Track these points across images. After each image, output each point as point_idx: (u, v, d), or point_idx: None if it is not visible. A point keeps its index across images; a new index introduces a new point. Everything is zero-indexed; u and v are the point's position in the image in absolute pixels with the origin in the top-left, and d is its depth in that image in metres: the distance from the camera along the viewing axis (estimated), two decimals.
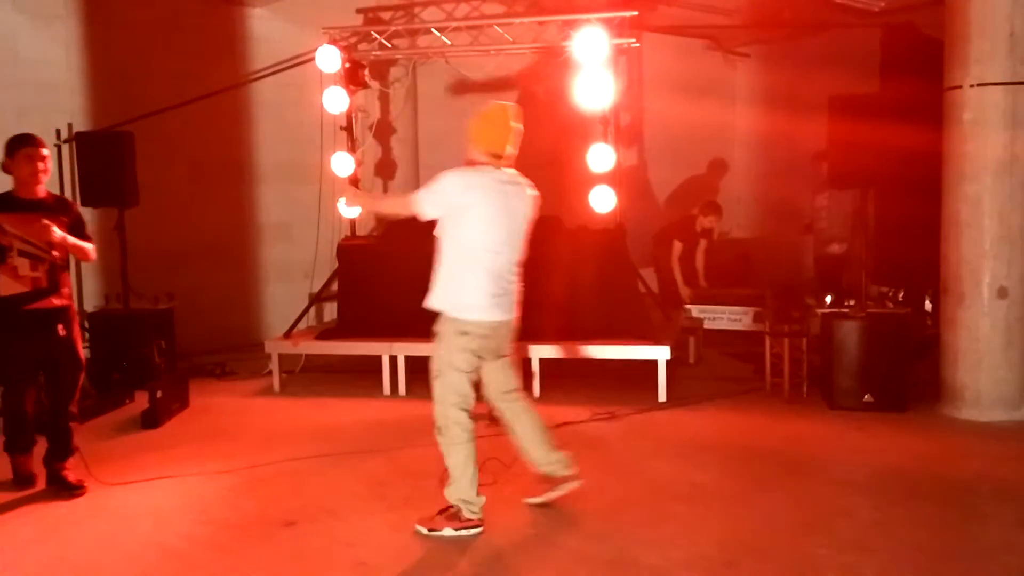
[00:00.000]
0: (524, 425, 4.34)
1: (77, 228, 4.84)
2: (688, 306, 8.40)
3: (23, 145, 4.69)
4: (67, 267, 4.87)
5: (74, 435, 4.90)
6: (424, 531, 4.04)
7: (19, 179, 4.70)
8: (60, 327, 4.75)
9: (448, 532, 4.01)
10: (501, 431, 5.66)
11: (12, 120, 7.73)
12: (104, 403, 6.55)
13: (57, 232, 4.63)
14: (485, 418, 5.95)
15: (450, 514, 4.06)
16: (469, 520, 4.04)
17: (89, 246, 4.88)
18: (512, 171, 4.16)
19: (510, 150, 4.08)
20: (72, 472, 4.81)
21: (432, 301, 4.10)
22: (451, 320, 4.05)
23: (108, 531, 4.19)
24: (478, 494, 4.08)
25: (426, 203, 4.04)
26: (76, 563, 3.83)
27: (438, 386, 4.10)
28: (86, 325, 7.89)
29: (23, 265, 4.62)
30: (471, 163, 4.09)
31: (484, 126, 4.09)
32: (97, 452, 5.39)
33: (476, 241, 4.00)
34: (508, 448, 5.29)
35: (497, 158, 4.07)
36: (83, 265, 8.29)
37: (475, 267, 4.01)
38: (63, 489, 4.73)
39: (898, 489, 4.53)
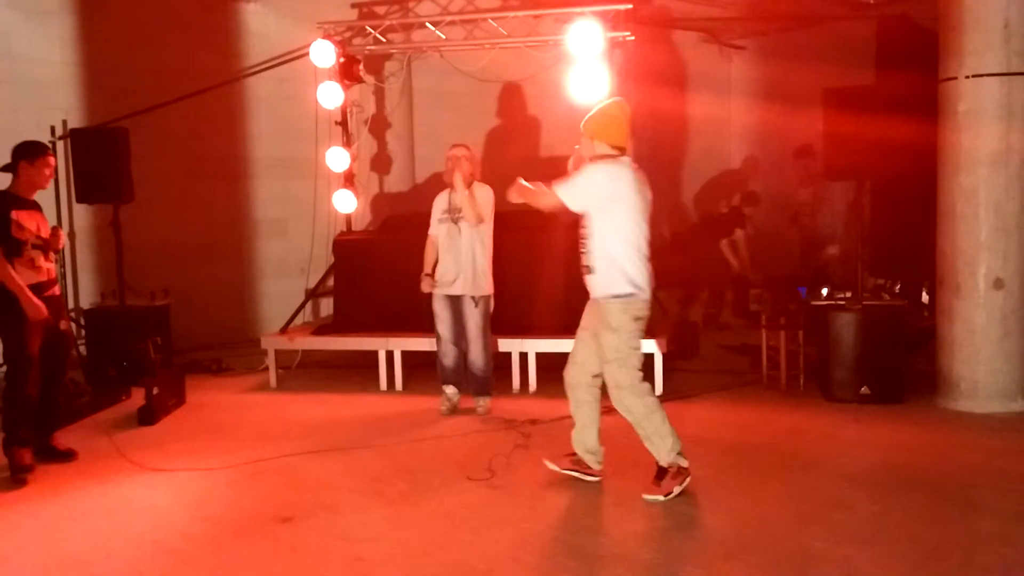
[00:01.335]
0: (593, 411, 4.60)
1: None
2: (756, 290, 8.73)
3: (44, 153, 5.17)
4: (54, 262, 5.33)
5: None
6: (661, 498, 4.26)
7: (32, 182, 5.10)
8: (63, 322, 5.28)
9: (677, 490, 4.29)
10: (497, 428, 5.69)
11: (7, 117, 7.75)
12: (100, 400, 6.54)
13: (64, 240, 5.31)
14: (471, 412, 6.01)
15: (673, 473, 4.33)
16: (687, 470, 4.35)
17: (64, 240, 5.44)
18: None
19: (628, 142, 4.41)
20: (61, 441, 5.25)
21: (603, 291, 4.32)
22: (624, 308, 4.29)
23: (105, 528, 4.18)
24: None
25: (571, 196, 4.32)
26: (73, 560, 3.82)
27: (621, 372, 4.32)
28: (82, 322, 7.90)
29: (38, 256, 5.03)
30: (599, 158, 4.34)
31: (608, 122, 4.38)
32: (94, 449, 5.41)
33: (632, 227, 4.30)
34: (505, 444, 5.31)
35: (622, 151, 4.38)
36: (79, 262, 8.30)
37: (635, 252, 4.30)
38: (55, 457, 5.14)
39: (895, 481, 4.54)
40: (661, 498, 4.26)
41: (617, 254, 4.28)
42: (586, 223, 4.35)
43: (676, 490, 4.29)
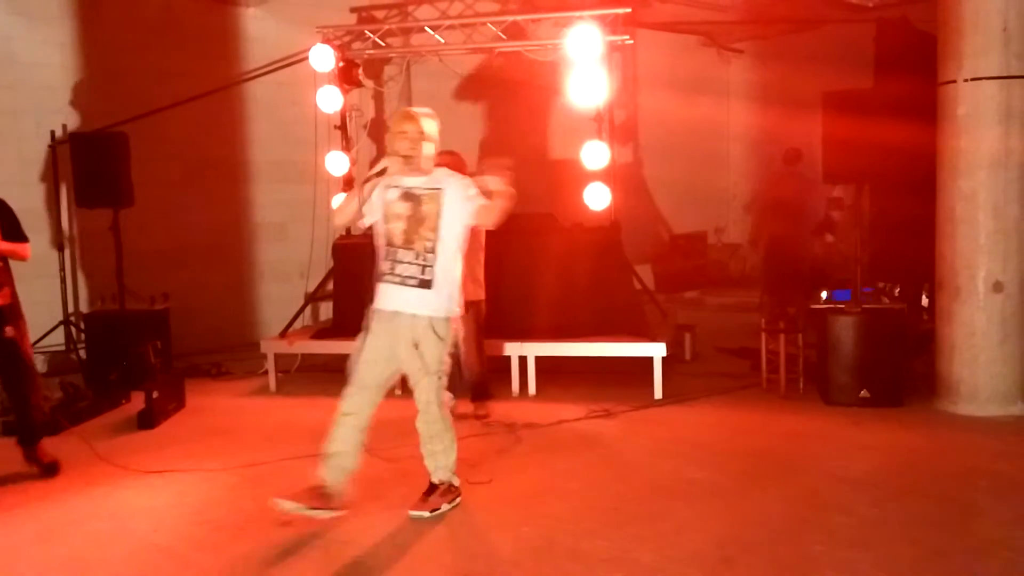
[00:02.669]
0: (363, 436, 4.37)
1: (12, 228, 4.94)
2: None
3: None
4: (7, 266, 4.95)
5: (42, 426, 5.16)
6: (427, 514, 4.19)
7: None
8: (8, 328, 4.89)
9: (445, 507, 4.27)
10: (496, 432, 5.70)
11: (8, 121, 7.78)
12: (100, 404, 6.53)
13: None
14: (470, 417, 6.00)
15: (443, 491, 4.30)
16: (457, 489, 4.35)
17: (22, 246, 4.97)
18: None
19: None
20: (45, 453, 5.08)
21: (437, 309, 4.15)
22: (450, 320, 4.19)
23: (105, 531, 4.18)
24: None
25: None
26: (73, 563, 3.82)
27: (439, 384, 4.23)
28: (82, 326, 7.90)
29: None
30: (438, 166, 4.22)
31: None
32: (93, 453, 5.40)
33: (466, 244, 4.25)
34: (505, 447, 5.32)
35: None
36: (78, 266, 8.30)
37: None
38: (37, 468, 5.03)
39: (895, 485, 4.53)
40: (427, 514, 4.19)
41: (457, 271, 4.20)
42: (440, 236, 4.11)
43: (444, 507, 4.25)
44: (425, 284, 4.09)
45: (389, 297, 4.16)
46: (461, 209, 4.12)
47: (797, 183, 9.17)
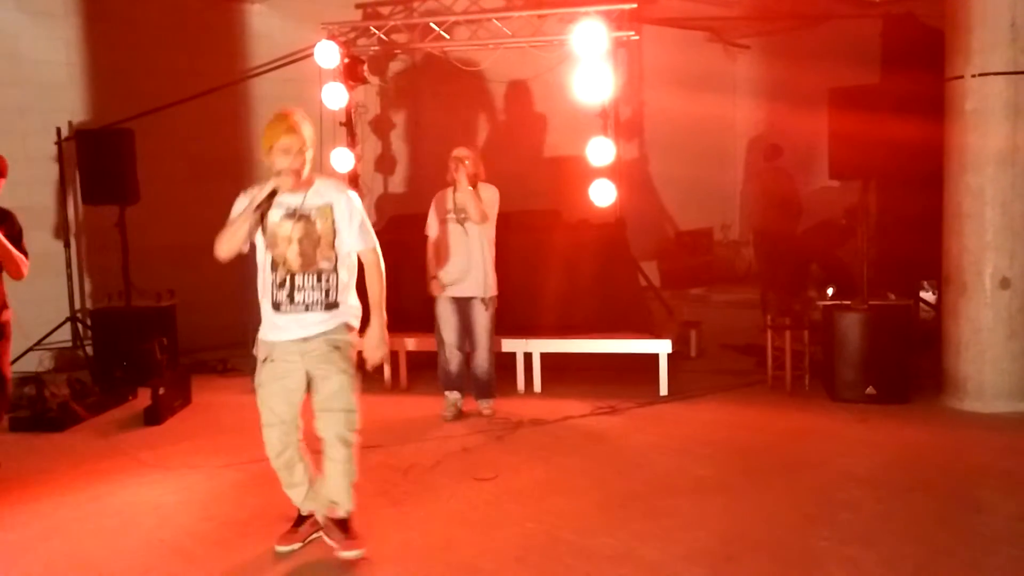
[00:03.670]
0: (308, 463, 4.04)
1: (14, 240, 4.64)
2: None
3: None
4: None
5: None
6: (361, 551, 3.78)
7: None
8: None
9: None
10: (501, 428, 5.70)
11: (14, 119, 7.79)
12: (107, 400, 6.56)
13: None
14: (475, 414, 6.00)
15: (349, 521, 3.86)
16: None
17: (20, 256, 4.63)
18: None
19: None
20: None
21: (347, 319, 3.85)
22: (354, 331, 3.87)
23: (111, 528, 4.20)
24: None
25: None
26: (80, 560, 3.84)
27: (357, 416, 3.88)
28: (88, 323, 7.92)
29: None
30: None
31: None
32: (99, 449, 5.43)
33: None
34: (508, 444, 5.32)
35: None
36: (85, 262, 8.31)
37: None
38: None
39: (900, 481, 4.52)
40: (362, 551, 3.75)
41: (353, 285, 3.86)
42: (339, 254, 3.80)
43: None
44: (332, 307, 3.75)
45: (292, 326, 3.74)
46: (350, 226, 3.82)
47: (778, 177, 9.17)
